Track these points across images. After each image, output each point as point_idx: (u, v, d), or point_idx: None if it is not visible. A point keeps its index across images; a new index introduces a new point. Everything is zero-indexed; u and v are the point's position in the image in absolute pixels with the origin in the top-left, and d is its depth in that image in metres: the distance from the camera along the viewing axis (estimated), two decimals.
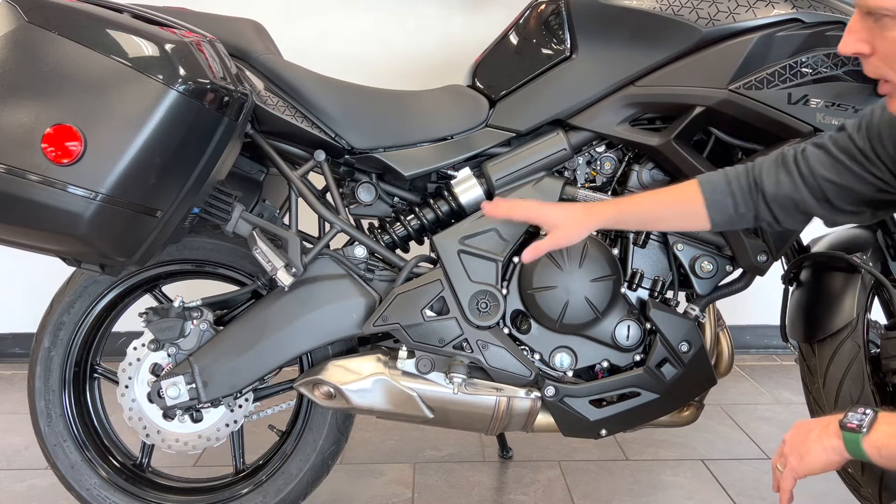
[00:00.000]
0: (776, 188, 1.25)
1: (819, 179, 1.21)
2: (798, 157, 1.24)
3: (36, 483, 2.01)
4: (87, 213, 1.23)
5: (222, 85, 1.33)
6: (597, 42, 1.53)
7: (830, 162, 1.20)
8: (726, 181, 1.29)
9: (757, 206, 1.28)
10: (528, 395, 1.53)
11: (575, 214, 1.33)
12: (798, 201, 1.24)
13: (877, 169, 1.15)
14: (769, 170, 1.27)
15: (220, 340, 1.58)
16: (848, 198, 1.21)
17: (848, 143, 1.18)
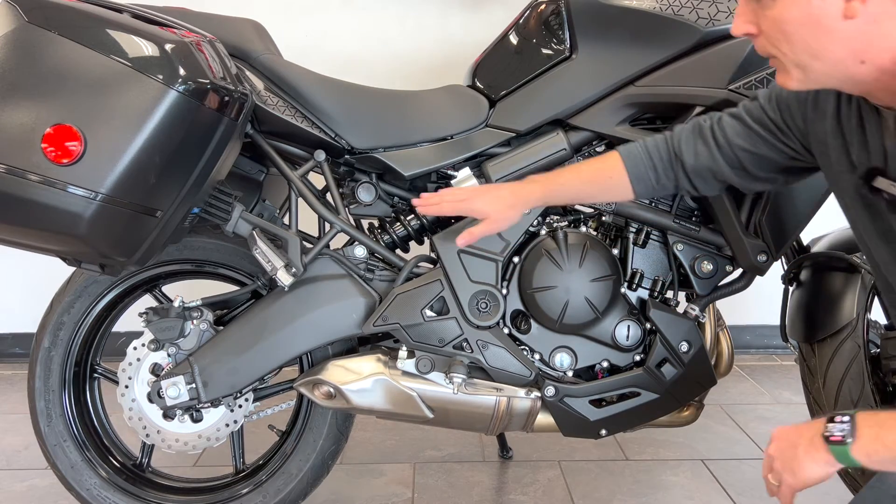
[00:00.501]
0: (695, 159, 1.29)
1: (735, 149, 1.24)
2: (714, 128, 1.27)
3: (36, 483, 2.01)
4: (87, 213, 1.23)
5: (222, 85, 1.33)
6: (597, 42, 1.53)
7: (746, 132, 1.23)
8: (647, 153, 1.34)
9: (677, 176, 1.32)
10: (528, 395, 1.53)
11: (504, 202, 1.35)
12: (715, 171, 1.28)
13: (787, 139, 1.18)
14: (688, 140, 1.30)
15: (220, 340, 1.58)
16: (762, 166, 1.24)
17: (761, 114, 1.21)
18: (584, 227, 1.57)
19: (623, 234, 1.57)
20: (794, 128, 1.16)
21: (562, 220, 1.56)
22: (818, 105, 1.09)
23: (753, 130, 1.21)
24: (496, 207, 1.35)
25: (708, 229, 1.54)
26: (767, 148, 1.21)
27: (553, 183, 1.38)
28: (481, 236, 1.37)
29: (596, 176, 1.38)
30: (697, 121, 1.31)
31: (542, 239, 1.53)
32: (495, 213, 1.35)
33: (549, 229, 1.54)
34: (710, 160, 1.27)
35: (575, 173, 1.40)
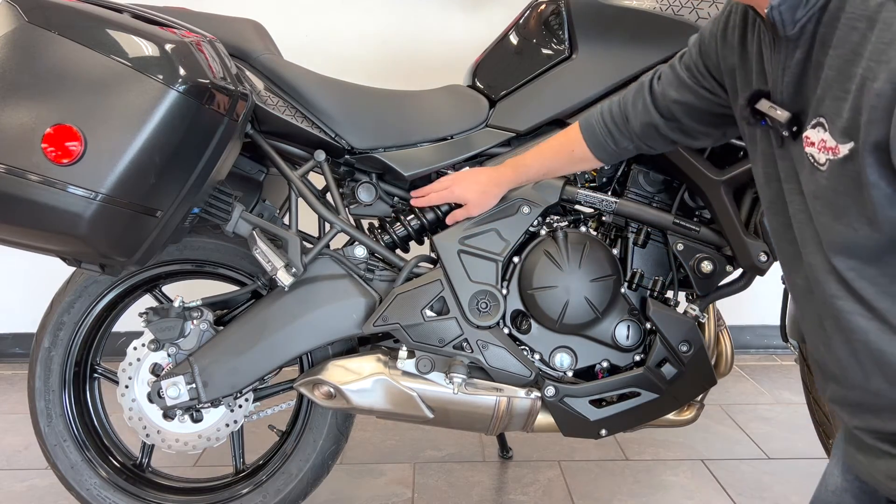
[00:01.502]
0: (636, 118, 1.30)
1: (668, 101, 1.24)
2: (654, 81, 1.27)
3: (36, 483, 2.01)
4: (87, 213, 1.23)
5: (222, 85, 1.33)
6: (596, 42, 1.53)
7: (677, 81, 1.22)
8: (602, 120, 1.35)
9: (632, 137, 1.33)
10: (528, 395, 1.53)
11: (480, 187, 1.49)
12: (656, 126, 1.28)
13: (708, 83, 1.17)
14: (634, 100, 1.31)
15: (220, 340, 1.58)
16: (695, 117, 1.23)
17: (689, 60, 1.20)
18: (584, 227, 1.57)
19: (623, 234, 1.57)
20: (711, 67, 1.15)
21: (562, 220, 1.56)
22: (727, 38, 1.07)
23: (681, 79, 1.21)
24: (473, 193, 1.49)
25: (708, 229, 1.54)
26: (693, 96, 1.20)
27: (521, 164, 1.47)
28: (462, 217, 1.52)
29: (559, 151, 1.43)
30: (642, 77, 1.32)
31: (542, 239, 1.53)
32: (473, 198, 1.50)
33: (550, 229, 1.54)
34: (648, 116, 1.28)
35: (541, 151, 1.46)
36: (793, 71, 0.86)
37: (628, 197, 1.55)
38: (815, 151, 0.83)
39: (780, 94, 0.89)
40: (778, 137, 0.92)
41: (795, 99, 0.87)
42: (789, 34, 0.84)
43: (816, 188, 0.85)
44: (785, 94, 0.88)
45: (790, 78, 0.87)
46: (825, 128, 0.81)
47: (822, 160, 0.82)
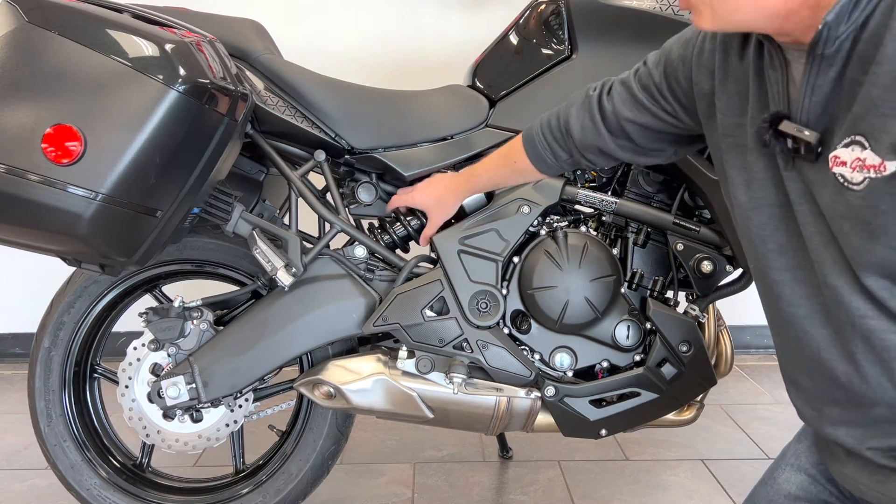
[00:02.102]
0: (581, 134, 1.26)
1: (621, 119, 1.20)
2: (603, 98, 1.23)
3: (36, 483, 2.01)
4: (87, 213, 1.23)
5: (222, 85, 1.33)
6: (597, 42, 1.53)
7: (631, 100, 1.19)
8: (542, 133, 1.33)
9: (571, 152, 1.30)
10: (528, 395, 1.53)
11: (436, 196, 1.52)
12: (601, 146, 1.25)
13: (670, 106, 1.15)
14: (577, 114, 1.27)
15: (220, 340, 1.58)
16: (648, 136, 1.21)
17: (648, 80, 1.16)
18: (584, 227, 1.57)
19: (623, 234, 1.57)
20: (679, 93, 1.12)
21: (562, 220, 1.56)
22: (702, 63, 1.05)
23: (638, 99, 1.18)
24: (431, 203, 1.53)
25: (708, 229, 1.54)
26: (650, 116, 1.17)
27: (472, 175, 1.49)
28: (431, 234, 1.56)
29: (503, 162, 1.43)
30: (587, 90, 1.28)
31: (542, 239, 1.53)
32: (431, 209, 1.54)
33: (549, 229, 1.54)
34: (595, 134, 1.24)
35: (486, 162, 1.47)
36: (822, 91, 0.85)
37: (628, 197, 1.55)
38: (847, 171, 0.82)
39: (806, 114, 0.87)
40: (788, 159, 0.91)
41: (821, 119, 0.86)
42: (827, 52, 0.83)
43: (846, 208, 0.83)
44: (811, 114, 0.87)
45: (819, 98, 0.86)
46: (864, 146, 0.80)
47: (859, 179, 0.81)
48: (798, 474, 1.06)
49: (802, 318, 0.93)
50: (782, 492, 1.06)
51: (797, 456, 1.08)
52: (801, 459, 1.07)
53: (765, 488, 1.09)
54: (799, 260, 0.93)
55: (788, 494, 1.05)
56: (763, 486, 1.09)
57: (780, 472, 1.08)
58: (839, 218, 0.84)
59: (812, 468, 1.06)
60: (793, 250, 0.94)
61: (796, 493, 1.04)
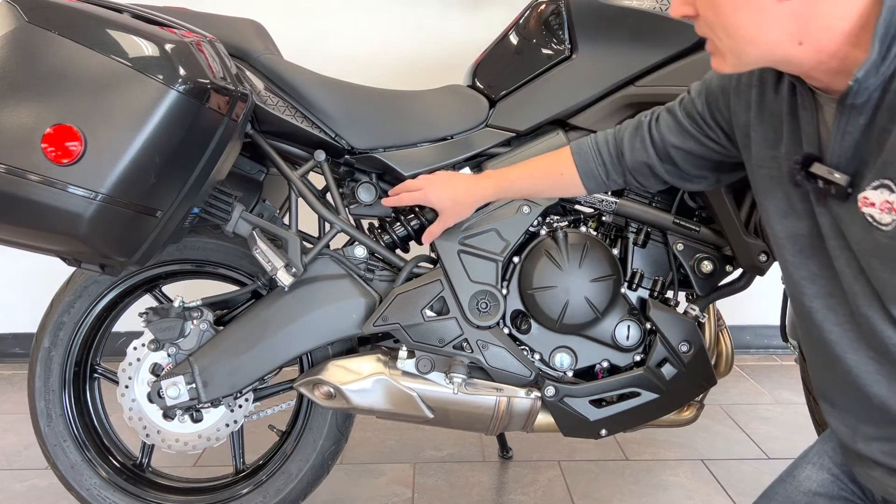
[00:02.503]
0: (632, 156, 1.30)
1: (668, 145, 1.25)
2: (652, 124, 1.28)
3: (36, 483, 2.01)
4: (87, 213, 1.23)
5: (222, 85, 1.32)
6: (596, 42, 1.53)
7: (677, 128, 1.23)
8: (596, 150, 1.35)
9: (623, 173, 1.34)
10: (528, 395, 1.53)
11: (455, 197, 1.45)
12: (651, 166, 1.29)
13: (714, 133, 1.18)
14: (630, 137, 1.31)
15: (220, 340, 1.58)
16: (692, 162, 1.25)
17: (692, 108, 1.20)
18: (584, 227, 1.57)
19: (623, 234, 1.57)
20: (721, 121, 1.16)
21: (562, 220, 1.56)
22: (740, 97, 1.08)
23: (683, 126, 1.22)
24: (446, 204, 1.46)
25: (708, 229, 1.54)
26: (694, 142, 1.21)
27: (504, 179, 1.44)
28: (438, 233, 1.50)
29: (547, 172, 1.41)
30: (640, 116, 1.32)
31: (542, 239, 1.53)
32: (446, 210, 1.46)
33: (549, 229, 1.54)
34: (646, 156, 1.28)
35: (526, 169, 1.43)
36: (853, 136, 0.88)
37: (628, 197, 1.55)
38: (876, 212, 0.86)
39: (836, 157, 0.90)
40: (820, 197, 0.94)
41: (851, 162, 0.89)
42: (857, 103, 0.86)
43: (875, 247, 0.87)
44: (842, 157, 0.90)
45: (849, 143, 0.88)
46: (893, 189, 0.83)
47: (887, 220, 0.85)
48: (820, 472, 1.07)
49: (835, 343, 0.97)
50: (802, 488, 1.07)
51: (821, 455, 1.10)
52: (824, 459, 1.09)
53: (783, 485, 1.10)
54: (831, 288, 0.97)
55: (808, 491, 1.06)
56: (781, 483, 1.10)
57: (801, 470, 1.09)
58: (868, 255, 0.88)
59: (836, 468, 1.07)
60: (824, 279, 0.97)
61: (816, 490, 1.06)
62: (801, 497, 1.06)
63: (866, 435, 0.98)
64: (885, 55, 0.81)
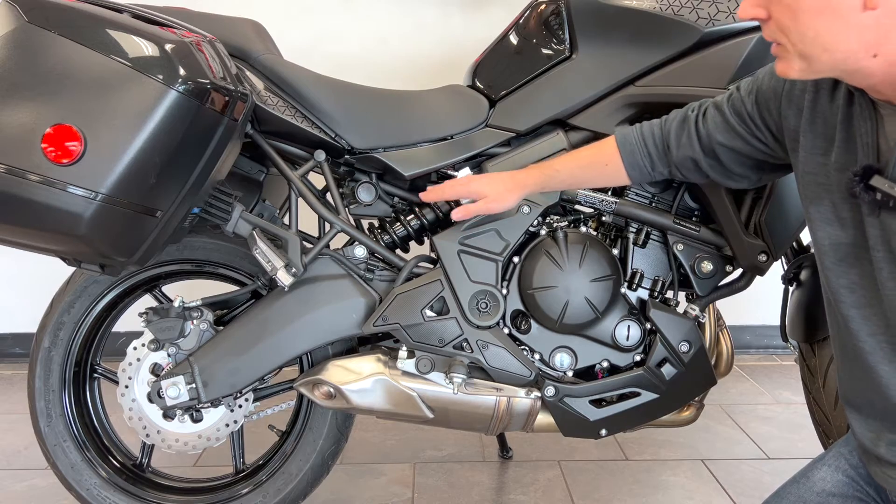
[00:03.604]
0: (678, 150, 1.31)
1: (713, 142, 1.25)
2: (699, 118, 1.28)
3: (36, 483, 2.01)
4: (87, 213, 1.23)
5: (222, 85, 1.32)
6: (597, 42, 1.53)
7: (724, 125, 1.23)
8: (643, 141, 1.35)
9: (669, 165, 1.34)
10: (528, 395, 1.53)
11: (503, 185, 1.41)
12: (697, 160, 1.29)
13: (762, 134, 1.18)
14: (676, 130, 1.31)
15: (220, 340, 1.58)
16: (736, 160, 1.25)
17: (741, 107, 1.20)
18: (584, 227, 1.57)
19: (623, 234, 1.57)
20: (769, 122, 1.16)
21: (562, 220, 1.56)
22: (792, 101, 1.08)
23: (730, 124, 1.22)
24: (495, 189, 1.41)
25: (708, 229, 1.54)
26: (741, 142, 1.21)
27: (549, 168, 1.43)
28: (477, 213, 1.44)
29: (592, 161, 1.41)
30: (686, 110, 1.32)
31: (542, 239, 1.53)
32: (493, 193, 1.41)
33: (549, 229, 1.54)
34: (692, 151, 1.29)
35: (571, 159, 1.43)
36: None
37: (628, 197, 1.55)
38: None
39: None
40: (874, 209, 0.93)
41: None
42: None
43: None
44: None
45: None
46: None
47: None
48: (836, 474, 1.08)
49: (868, 353, 0.97)
50: (816, 489, 1.07)
51: (837, 458, 1.10)
52: (840, 461, 1.10)
53: (796, 486, 1.10)
54: (869, 299, 0.97)
55: (822, 491, 1.07)
56: (794, 483, 1.11)
57: (817, 471, 1.10)
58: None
59: (852, 470, 1.08)
60: (864, 289, 0.97)
61: (831, 490, 1.06)
62: (814, 497, 1.06)
63: (890, 441, 0.99)
64: None
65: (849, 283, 0.99)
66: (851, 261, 0.98)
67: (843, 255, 0.99)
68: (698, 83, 1.46)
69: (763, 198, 1.49)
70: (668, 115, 1.35)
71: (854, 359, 1.00)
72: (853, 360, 1.01)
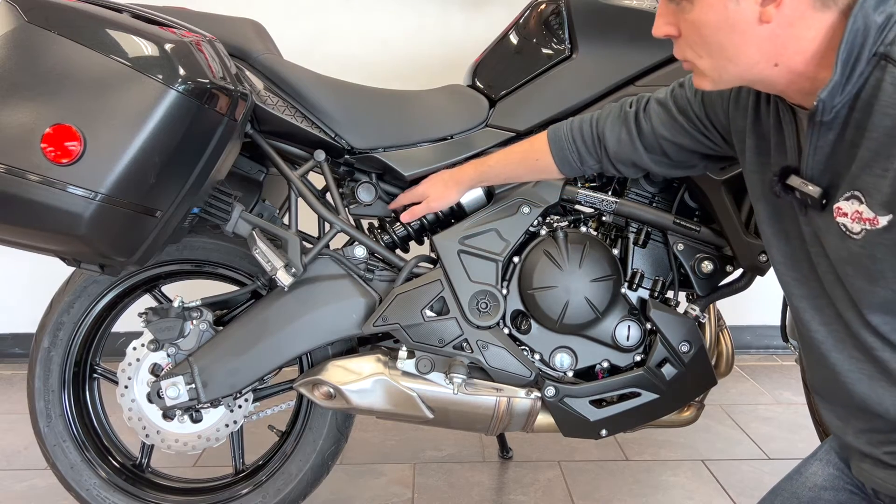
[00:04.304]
0: (617, 146, 1.33)
1: (658, 137, 1.28)
2: (640, 115, 1.30)
3: (36, 483, 2.01)
4: (87, 213, 1.23)
5: (222, 85, 1.32)
6: (597, 42, 1.53)
7: (670, 122, 1.26)
8: (572, 136, 1.38)
9: (601, 160, 1.37)
10: (528, 395, 1.53)
11: (442, 184, 1.51)
12: (635, 159, 1.32)
13: (709, 132, 1.22)
14: (612, 126, 1.34)
15: (219, 340, 1.58)
16: (682, 154, 1.28)
17: (686, 105, 1.23)
18: (584, 227, 1.57)
19: (623, 234, 1.57)
20: (716, 123, 1.19)
21: (562, 220, 1.55)
22: (738, 102, 1.12)
23: (677, 121, 1.24)
24: (434, 189, 1.52)
25: (708, 229, 1.54)
26: (688, 139, 1.25)
27: (483, 165, 1.49)
28: (423, 214, 1.54)
29: (523, 158, 1.45)
30: (623, 105, 1.34)
31: (542, 239, 1.53)
32: (434, 193, 1.52)
33: (549, 229, 1.54)
34: (631, 149, 1.31)
35: (505, 154, 1.48)
36: (824, 150, 0.93)
37: (628, 197, 1.55)
38: (848, 221, 0.90)
39: (811, 169, 0.95)
40: (802, 206, 0.98)
41: (825, 175, 0.94)
42: (825, 119, 0.90)
43: (849, 255, 0.91)
44: (815, 170, 0.95)
45: (821, 157, 0.93)
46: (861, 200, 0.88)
47: (857, 229, 0.89)
48: (827, 468, 1.11)
49: (821, 342, 1.01)
50: (808, 483, 1.10)
51: (828, 452, 1.13)
52: (831, 455, 1.12)
53: (789, 482, 1.13)
54: (817, 291, 1.01)
55: (814, 486, 1.09)
56: (788, 480, 1.14)
57: (809, 466, 1.13)
58: (843, 263, 0.93)
59: (842, 463, 1.10)
60: (811, 281, 1.02)
61: (822, 484, 1.09)
62: (807, 492, 1.09)
63: (855, 428, 1.02)
64: (849, 76, 0.86)
65: (798, 276, 1.04)
66: (798, 255, 1.03)
67: (790, 250, 1.04)
68: None
69: None
70: (600, 111, 1.38)
71: (811, 349, 1.04)
72: (810, 350, 1.05)
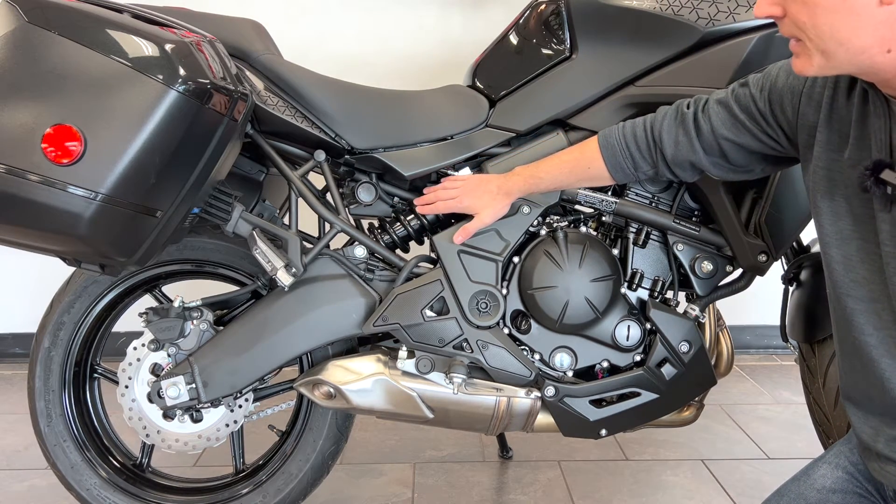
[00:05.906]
0: (675, 149, 1.30)
1: (718, 138, 1.24)
2: (699, 115, 1.27)
3: (36, 483, 2.01)
4: (87, 213, 1.23)
5: (222, 85, 1.32)
6: (597, 42, 1.53)
7: (731, 121, 1.22)
8: (625, 142, 1.35)
9: (657, 164, 1.34)
10: (528, 395, 1.53)
11: (490, 196, 1.47)
12: (694, 161, 1.29)
13: (773, 130, 1.18)
14: (669, 129, 1.30)
15: (220, 340, 1.58)
16: (742, 155, 1.25)
17: (749, 103, 1.19)
18: (584, 227, 1.57)
19: (623, 234, 1.57)
20: (782, 120, 1.15)
21: (562, 220, 1.56)
22: (812, 97, 1.08)
23: (739, 120, 1.21)
24: (484, 202, 1.47)
25: (708, 229, 1.54)
26: (750, 137, 1.21)
27: (534, 176, 1.46)
28: (475, 231, 1.49)
29: (575, 165, 1.42)
30: (680, 107, 1.31)
31: (542, 239, 1.53)
32: (483, 209, 1.47)
33: (549, 229, 1.54)
34: (690, 150, 1.28)
35: (555, 163, 1.45)
36: None
37: (628, 197, 1.55)
38: None
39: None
40: (885, 203, 0.94)
41: None
42: None
43: None
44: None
45: None
46: None
47: None
48: (836, 471, 1.09)
49: (872, 347, 0.98)
50: (816, 486, 1.09)
51: (838, 455, 1.11)
52: (841, 459, 1.11)
53: (796, 483, 1.11)
54: (877, 293, 0.98)
55: (822, 488, 1.08)
56: (795, 481, 1.12)
57: (817, 469, 1.11)
58: None
59: (852, 467, 1.09)
60: (873, 283, 0.98)
61: (831, 487, 1.07)
62: (815, 494, 1.08)
63: (888, 436, 1.00)
64: None
65: (857, 278, 1.00)
66: (861, 255, 0.99)
67: (854, 250, 1.00)
68: (698, 83, 1.46)
69: (763, 198, 1.49)
70: (653, 115, 1.34)
71: (855, 353, 1.01)
72: (854, 355, 1.02)
